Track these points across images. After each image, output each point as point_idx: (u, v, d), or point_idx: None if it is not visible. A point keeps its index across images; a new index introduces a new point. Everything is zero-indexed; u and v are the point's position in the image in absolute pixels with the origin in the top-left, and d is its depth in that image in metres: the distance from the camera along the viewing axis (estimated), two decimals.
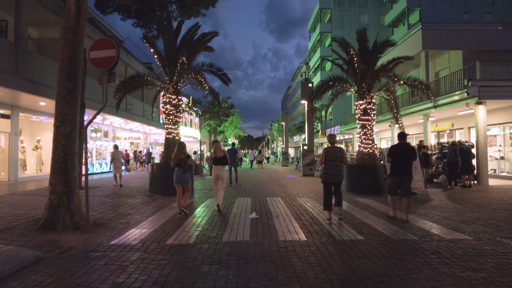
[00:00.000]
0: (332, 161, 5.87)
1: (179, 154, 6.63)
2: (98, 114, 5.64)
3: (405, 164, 5.91)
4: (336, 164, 5.88)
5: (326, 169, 5.96)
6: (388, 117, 17.91)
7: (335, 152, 5.90)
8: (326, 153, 5.91)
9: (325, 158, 5.92)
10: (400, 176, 5.93)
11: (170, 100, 10.39)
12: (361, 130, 10.63)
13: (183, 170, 6.56)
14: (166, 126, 10.54)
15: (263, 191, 10.44)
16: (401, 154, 5.93)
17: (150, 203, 8.39)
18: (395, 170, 5.98)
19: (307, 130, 16.43)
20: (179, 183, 6.64)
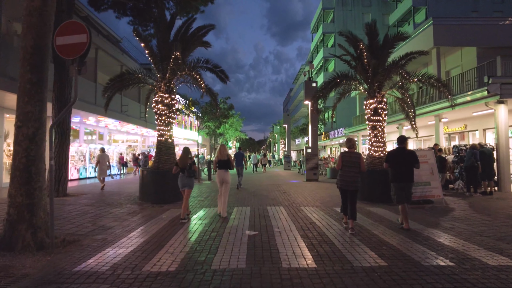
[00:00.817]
0: (348, 167, 5.50)
1: (186, 160, 6.65)
2: (66, 112, 4.74)
3: (407, 169, 5.65)
4: (353, 171, 5.49)
5: (342, 175, 5.59)
6: (396, 118, 16.99)
7: (352, 158, 5.54)
8: (343, 158, 5.55)
9: (343, 164, 5.53)
10: (401, 182, 5.67)
11: (162, 99, 9.53)
12: (371, 131, 9.72)
13: (187, 175, 6.60)
14: (158, 128, 9.68)
15: (264, 199, 9.53)
16: (402, 160, 5.65)
17: (137, 213, 7.50)
18: (397, 176, 5.70)
19: (311, 132, 15.53)
20: (184, 187, 6.71)
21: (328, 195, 10.13)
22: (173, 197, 9.09)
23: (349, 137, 6.01)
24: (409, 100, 9.49)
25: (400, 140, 5.94)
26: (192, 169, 6.61)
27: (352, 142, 5.82)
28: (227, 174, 7.03)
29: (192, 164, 6.65)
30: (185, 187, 6.67)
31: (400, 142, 5.91)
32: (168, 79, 9.55)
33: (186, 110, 15.61)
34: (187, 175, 6.59)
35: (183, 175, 6.63)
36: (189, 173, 6.59)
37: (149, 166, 11.27)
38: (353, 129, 24.03)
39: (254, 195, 10.42)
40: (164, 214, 7.25)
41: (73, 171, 16.41)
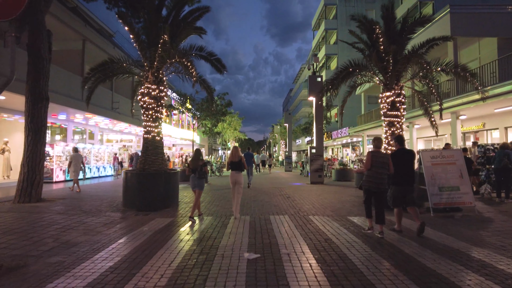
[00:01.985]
0: (378, 168, 5.14)
1: (197, 161, 6.81)
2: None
3: (408, 172, 5.34)
4: (382, 172, 5.15)
5: (370, 176, 5.20)
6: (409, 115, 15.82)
7: (382, 158, 5.17)
8: (373, 158, 5.16)
9: (371, 164, 5.15)
10: (403, 185, 5.34)
11: (149, 90, 8.34)
12: (387, 128, 8.54)
13: (198, 176, 6.72)
14: (144, 124, 8.48)
15: (266, 205, 8.32)
16: (403, 162, 5.32)
17: (115, 223, 6.30)
18: (399, 179, 5.33)
19: (316, 130, 14.33)
20: (195, 188, 6.78)
21: (339, 201, 8.93)
22: (161, 203, 7.90)
23: (377, 137, 5.60)
24: (434, 91, 8.28)
25: (400, 140, 5.63)
26: (203, 170, 6.76)
27: (380, 142, 5.44)
28: (240, 176, 7.04)
29: (203, 165, 6.80)
30: (196, 187, 6.77)
31: (400, 142, 5.59)
32: (156, 68, 8.37)
33: (181, 107, 14.31)
34: (198, 176, 6.72)
35: (194, 176, 6.77)
36: (199, 174, 6.71)
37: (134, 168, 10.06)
38: (358, 129, 22.84)
39: (254, 200, 9.21)
40: (146, 226, 6.03)
41: (59, 172, 15.19)
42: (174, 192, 8.40)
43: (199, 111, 14.09)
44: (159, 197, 7.91)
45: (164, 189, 8.01)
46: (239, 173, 7.04)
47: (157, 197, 7.88)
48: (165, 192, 8.02)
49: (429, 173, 7.36)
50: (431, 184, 7.25)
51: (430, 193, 7.18)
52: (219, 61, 8.94)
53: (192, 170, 6.79)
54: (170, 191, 8.18)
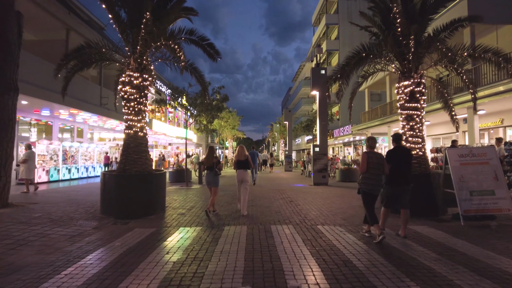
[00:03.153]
0: (375, 169, 4.91)
1: (211, 158, 6.89)
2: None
3: (405, 171, 5.06)
4: (379, 173, 4.95)
5: (368, 179, 4.94)
6: None
7: (378, 159, 4.96)
8: (368, 159, 4.93)
9: (368, 165, 4.91)
10: (400, 185, 5.05)
11: (131, 79, 7.22)
12: (405, 123, 7.44)
13: (214, 173, 6.81)
14: (126, 117, 7.36)
15: (266, 212, 7.21)
16: (399, 161, 5.05)
17: (84, 236, 5.19)
18: (394, 179, 5.05)
19: (319, 127, 13.21)
20: (210, 185, 6.91)
21: (349, 206, 7.83)
22: (144, 210, 6.78)
23: (371, 137, 5.36)
24: (466, 78, 7.14)
25: (397, 138, 5.33)
26: (217, 167, 6.81)
27: (374, 142, 5.20)
28: (247, 174, 7.14)
29: (217, 163, 6.86)
30: (211, 184, 6.89)
31: (397, 140, 5.31)
32: (140, 53, 7.24)
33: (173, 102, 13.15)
34: (213, 173, 6.81)
35: (209, 173, 6.87)
36: (214, 171, 6.81)
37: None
38: (362, 126, 21.76)
39: (252, 205, 8.10)
40: (119, 240, 4.91)
41: (41, 172, 14.03)
42: (160, 197, 7.28)
43: (193, 106, 12.93)
44: (142, 202, 6.79)
45: (148, 193, 6.90)
46: (246, 171, 7.12)
47: (139, 202, 6.76)
48: (148, 196, 6.90)
49: (457, 174, 6.27)
50: (460, 188, 6.16)
51: (459, 198, 6.09)
52: (212, 46, 7.82)
53: (207, 167, 6.91)
54: (154, 196, 7.07)
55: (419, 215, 6.65)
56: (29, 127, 15.97)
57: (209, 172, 6.89)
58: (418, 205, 6.73)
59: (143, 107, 7.39)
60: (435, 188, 6.81)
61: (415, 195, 6.78)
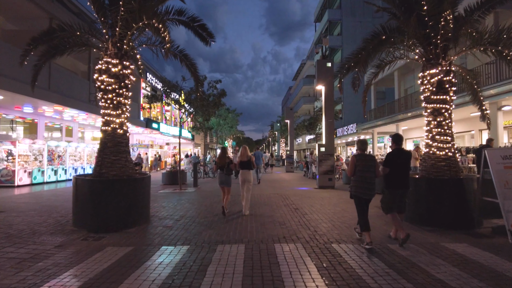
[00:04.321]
0: (364, 172, 4.68)
1: (224, 159, 7.00)
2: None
3: (405, 174, 4.85)
4: (370, 176, 4.68)
5: (358, 182, 4.71)
6: None
7: (367, 161, 4.73)
8: (356, 162, 4.72)
9: (356, 168, 4.72)
10: (399, 189, 4.83)
11: (108, 66, 6.12)
12: (431, 118, 6.34)
13: (226, 173, 6.91)
14: (103, 112, 6.26)
15: (268, 224, 6.11)
16: (399, 163, 4.82)
17: (40, 259, 4.09)
18: (394, 182, 4.80)
19: (325, 125, 12.10)
20: (222, 184, 6.98)
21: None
22: (122, 222, 5.69)
23: (361, 139, 5.22)
24: None
25: (398, 139, 5.10)
26: (229, 167, 6.92)
27: (365, 144, 5.00)
28: (250, 174, 7.12)
29: (230, 163, 6.97)
30: (223, 184, 6.97)
31: (398, 141, 5.09)
32: (119, 36, 6.14)
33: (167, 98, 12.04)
34: (225, 173, 6.90)
35: (221, 173, 6.95)
36: (226, 171, 6.91)
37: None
38: (368, 125, 20.64)
39: (252, 213, 6.99)
40: (78, 268, 3.80)
41: (22, 174, 12.92)
42: (143, 205, 6.17)
43: (188, 102, 11.81)
44: (120, 213, 5.69)
45: (127, 201, 5.80)
46: (249, 172, 7.11)
47: (117, 213, 5.66)
48: (128, 205, 5.80)
49: (501, 179, 5.17)
50: (505, 196, 5.06)
51: (504, 208, 4.99)
52: (204, 28, 6.71)
53: (219, 167, 7.01)
54: (136, 204, 5.96)
55: (449, 227, 5.59)
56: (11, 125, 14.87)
57: (221, 172, 6.97)
58: (447, 215, 5.67)
59: (123, 100, 6.28)
60: (469, 196, 5.73)
61: (443, 204, 5.73)
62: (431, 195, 5.88)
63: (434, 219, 5.78)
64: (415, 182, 6.27)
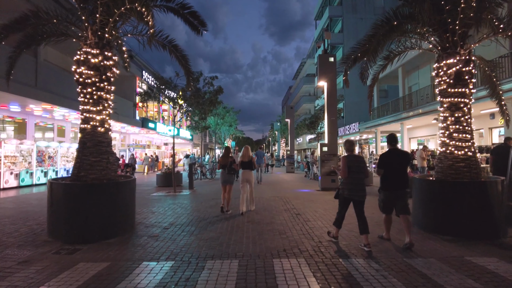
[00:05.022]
0: (356, 173, 4.62)
1: (227, 158, 7.10)
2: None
3: (401, 175, 4.67)
4: (360, 177, 4.64)
5: (349, 184, 4.63)
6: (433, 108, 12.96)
7: (358, 162, 4.68)
8: (349, 163, 4.64)
9: (349, 169, 4.61)
10: (395, 190, 4.67)
11: (87, 57, 5.48)
12: (448, 114, 5.68)
13: (228, 172, 7.03)
14: (82, 108, 5.62)
15: (266, 232, 5.46)
16: (394, 163, 4.68)
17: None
18: (389, 184, 4.69)
19: (328, 124, 11.45)
20: (225, 183, 7.12)
21: (372, 221, 6.05)
22: (102, 231, 5.06)
23: (349, 139, 5.15)
24: None
25: (392, 139, 4.90)
26: (232, 167, 7.03)
27: (352, 145, 4.95)
28: (251, 174, 7.27)
29: (232, 162, 7.07)
30: (226, 183, 7.12)
31: (393, 141, 4.88)
32: (100, 23, 5.49)
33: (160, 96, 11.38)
34: (227, 172, 7.04)
35: (224, 172, 7.08)
36: (229, 171, 7.05)
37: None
38: (371, 124, 19.99)
39: (249, 221, 6.34)
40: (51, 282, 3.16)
41: (8, 176, 12.27)
42: (126, 212, 5.53)
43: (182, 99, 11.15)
44: (100, 221, 5.05)
45: (109, 208, 5.16)
46: (250, 172, 7.27)
47: (96, 221, 5.02)
48: (109, 212, 5.17)
49: None
50: None
51: None
52: (195, 16, 6.06)
53: (222, 166, 7.12)
54: (118, 211, 5.32)
55: (470, 236, 4.95)
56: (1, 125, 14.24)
57: (224, 171, 7.10)
58: (468, 223, 5.02)
59: (104, 95, 5.64)
60: (493, 201, 5.07)
61: (463, 210, 5.08)
62: (448, 200, 5.22)
63: (452, 227, 5.13)
64: (430, 185, 5.64)
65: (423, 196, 5.63)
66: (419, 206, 5.74)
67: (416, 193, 5.83)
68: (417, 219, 5.78)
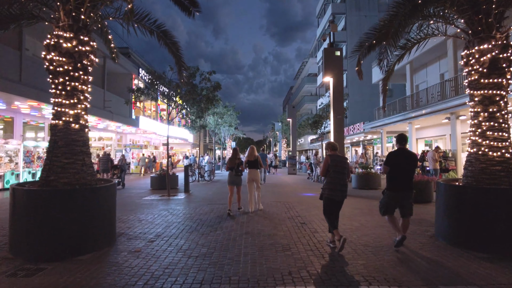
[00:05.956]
0: (338, 173, 4.55)
1: (234, 160, 7.22)
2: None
3: (407, 176, 4.54)
4: (343, 177, 4.57)
5: (331, 183, 4.55)
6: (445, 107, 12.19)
7: (341, 162, 4.63)
8: (331, 162, 4.56)
9: (329, 169, 4.56)
10: (401, 191, 4.54)
11: (59, 41, 4.69)
12: (480, 109, 4.88)
13: (235, 173, 7.11)
14: (53, 101, 4.81)
15: (267, 248, 4.65)
16: (402, 164, 4.52)
17: None
18: (394, 184, 4.55)
19: (333, 122, 10.65)
20: (233, 184, 7.19)
21: (389, 232, 5.26)
22: (72, 246, 4.26)
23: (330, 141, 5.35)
24: None
25: (401, 139, 4.70)
26: (239, 168, 7.14)
27: (336, 145, 4.88)
28: (257, 173, 7.47)
29: (240, 164, 7.20)
30: (233, 184, 7.18)
31: (402, 141, 4.68)
32: (75, 2, 4.71)
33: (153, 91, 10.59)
34: (234, 173, 7.12)
35: (231, 173, 7.16)
36: (236, 172, 7.13)
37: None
38: (376, 124, 19.17)
39: (246, 232, 5.53)
40: None
41: None
42: (105, 222, 4.73)
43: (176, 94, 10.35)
44: (70, 234, 4.26)
45: (83, 217, 4.37)
46: (256, 171, 7.44)
47: (66, 234, 4.23)
48: (83, 223, 4.37)
49: None
50: None
51: None
52: None
53: (230, 168, 7.21)
54: (95, 221, 4.52)
55: (510, 253, 4.11)
56: None
57: (231, 172, 7.17)
58: (508, 238, 4.20)
59: (80, 86, 4.84)
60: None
61: (500, 223, 4.26)
62: (482, 211, 4.41)
63: (488, 243, 4.33)
64: (457, 192, 4.83)
65: (450, 204, 4.83)
66: (444, 216, 4.95)
67: (441, 201, 5.03)
68: (441, 230, 5.01)
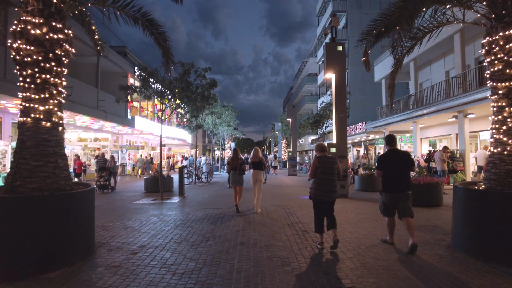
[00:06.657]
0: (326, 174, 4.55)
1: (236, 160, 7.44)
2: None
3: (402, 176, 4.51)
4: (332, 178, 4.57)
5: (318, 184, 4.58)
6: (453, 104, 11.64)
7: (331, 163, 4.60)
8: (319, 163, 4.59)
9: (318, 170, 4.58)
10: (396, 192, 4.49)
11: (27, 27, 4.13)
12: (506, 103, 4.32)
13: (239, 173, 7.33)
14: (22, 96, 4.25)
15: (263, 262, 4.09)
16: (395, 164, 4.52)
17: None
18: (389, 185, 4.56)
19: (336, 121, 10.09)
20: (235, 184, 7.41)
21: (399, 240, 4.69)
22: (40, 261, 3.70)
23: (319, 143, 5.40)
24: None
25: (391, 140, 4.76)
26: (241, 168, 7.35)
27: (324, 147, 4.85)
28: (261, 174, 7.51)
29: (242, 164, 7.41)
30: (236, 183, 7.40)
31: (392, 142, 4.74)
32: None
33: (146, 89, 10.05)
34: (238, 173, 7.34)
35: (234, 173, 7.38)
36: (239, 171, 7.35)
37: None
38: (379, 123, 18.60)
39: (242, 242, 4.96)
40: None
41: None
42: (81, 233, 4.17)
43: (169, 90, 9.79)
44: (39, 247, 3.70)
45: (54, 228, 3.81)
46: (260, 172, 7.48)
47: (34, 247, 3.67)
48: (54, 235, 3.82)
49: None
50: None
51: None
52: None
53: (232, 168, 7.43)
54: (67, 233, 3.96)
55: None
56: None
57: (234, 172, 7.34)
58: None
59: (52, 79, 4.28)
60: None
61: None
62: (503, 215, 3.86)
63: None
64: (478, 198, 4.27)
65: (470, 211, 4.28)
66: (463, 224, 4.39)
67: (459, 207, 4.48)
68: (460, 240, 4.45)
